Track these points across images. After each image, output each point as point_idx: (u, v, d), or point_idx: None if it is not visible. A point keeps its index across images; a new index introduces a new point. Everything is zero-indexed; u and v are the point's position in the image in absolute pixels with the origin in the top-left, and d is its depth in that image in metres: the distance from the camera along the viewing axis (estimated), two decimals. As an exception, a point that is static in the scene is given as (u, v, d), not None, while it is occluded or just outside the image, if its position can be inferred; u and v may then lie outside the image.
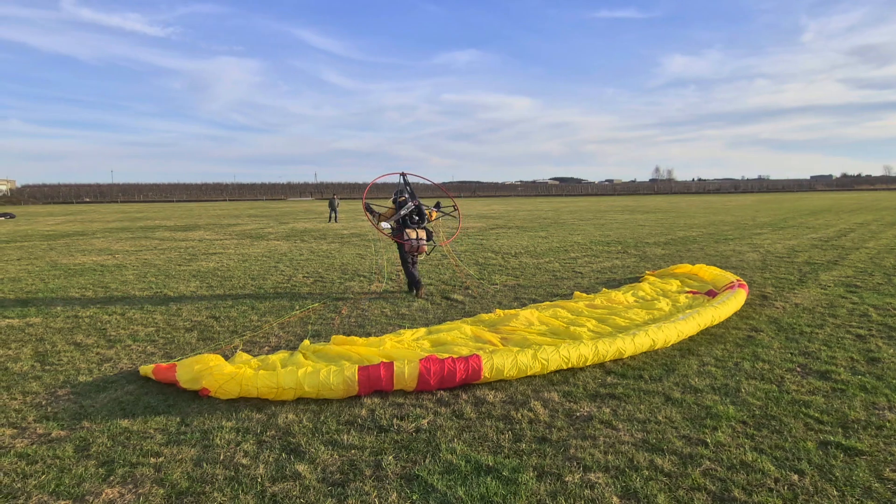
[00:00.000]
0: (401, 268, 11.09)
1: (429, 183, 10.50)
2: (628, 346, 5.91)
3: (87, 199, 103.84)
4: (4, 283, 11.26)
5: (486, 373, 5.14)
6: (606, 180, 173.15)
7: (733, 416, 4.52)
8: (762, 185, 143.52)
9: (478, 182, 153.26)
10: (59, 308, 8.85)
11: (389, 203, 10.14)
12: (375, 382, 4.95)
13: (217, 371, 4.99)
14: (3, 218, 42.15)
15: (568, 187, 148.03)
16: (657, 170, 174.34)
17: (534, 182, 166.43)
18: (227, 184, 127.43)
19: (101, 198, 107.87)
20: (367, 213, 10.09)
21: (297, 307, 8.77)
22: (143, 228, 28.19)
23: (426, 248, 9.84)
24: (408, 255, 9.74)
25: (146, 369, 5.57)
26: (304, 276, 11.87)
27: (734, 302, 7.84)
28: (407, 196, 9.98)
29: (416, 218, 9.79)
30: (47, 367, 5.93)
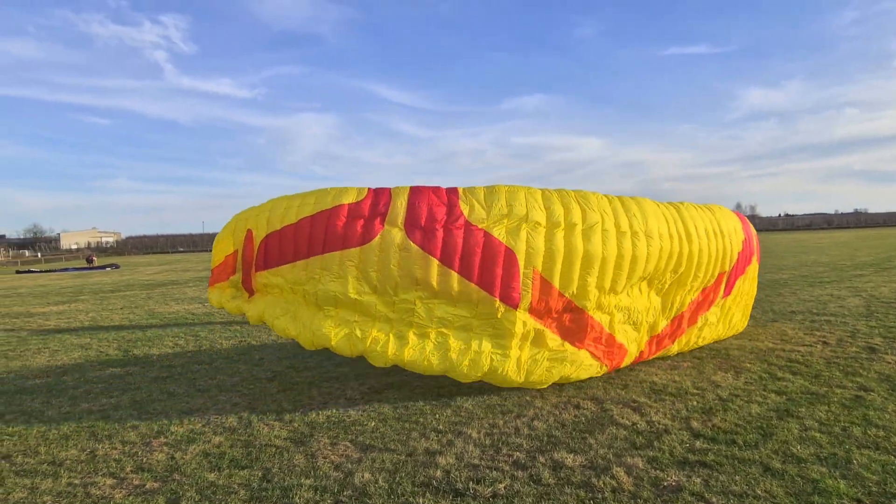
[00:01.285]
0: None
1: None
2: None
3: (182, 249, 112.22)
4: (109, 332, 12.25)
5: None
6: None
7: (845, 492, 4.06)
8: (859, 220, 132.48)
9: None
10: (155, 357, 9.49)
11: None
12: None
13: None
14: (109, 268, 46.30)
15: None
16: (739, 206, 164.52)
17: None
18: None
19: (193, 247, 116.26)
20: None
21: (372, 357, 8.91)
22: (229, 276, 29.96)
23: None
24: None
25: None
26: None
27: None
28: None
29: None
30: (144, 417, 6.32)
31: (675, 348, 7.86)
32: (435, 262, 5.93)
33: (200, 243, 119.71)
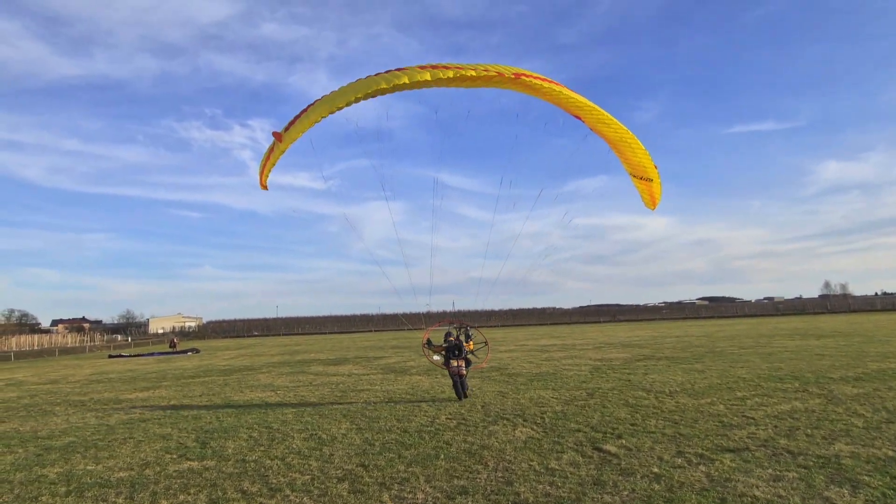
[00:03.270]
0: (552, 409, 12.50)
1: (469, 322, 17.01)
2: None
3: (256, 333, 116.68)
4: (188, 422, 12.63)
5: None
6: (765, 298, 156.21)
7: None
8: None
9: (617, 305, 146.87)
10: (230, 450, 9.62)
11: (441, 339, 15.35)
12: None
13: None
14: (190, 353, 48.62)
15: (720, 308, 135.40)
16: (827, 284, 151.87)
17: (679, 303, 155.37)
18: (372, 315, 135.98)
19: (267, 331, 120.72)
20: (425, 348, 15.24)
21: (442, 455, 8.62)
22: (300, 362, 30.64)
23: (464, 371, 14.32)
24: (453, 376, 14.10)
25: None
26: (446, 418, 11.79)
27: None
28: (453, 339, 14.85)
29: (457, 352, 14.24)
30: (218, 518, 6.31)
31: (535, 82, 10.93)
32: None
33: (274, 327, 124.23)
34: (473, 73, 10.37)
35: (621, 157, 12.92)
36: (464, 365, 14.15)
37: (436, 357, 14.97)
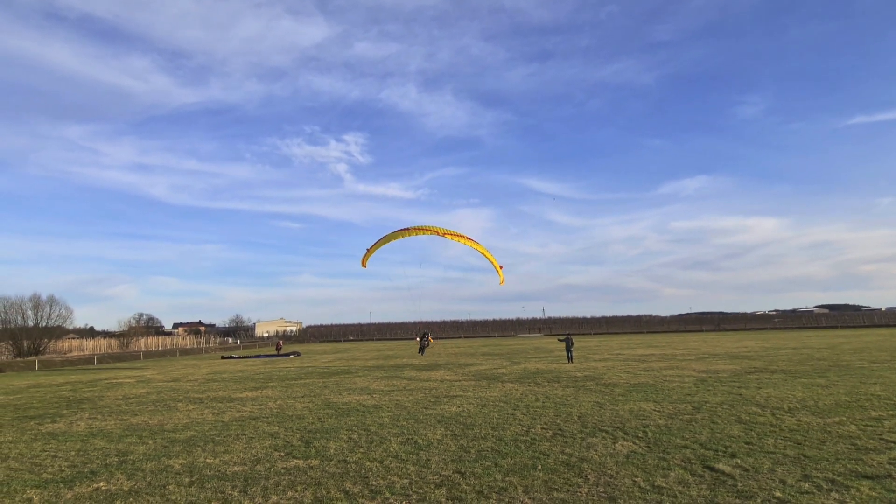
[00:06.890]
0: (654, 422, 11.30)
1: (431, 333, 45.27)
2: None
3: (352, 337, 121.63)
4: (293, 421, 13.32)
5: None
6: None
7: None
8: None
9: (721, 313, 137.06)
10: (332, 451, 10.00)
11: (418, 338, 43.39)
12: None
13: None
14: (292, 356, 51.51)
15: (843, 317, 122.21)
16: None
17: (794, 311, 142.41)
18: (462, 321, 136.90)
19: (362, 336, 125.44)
20: (417, 340, 49.77)
21: (539, 466, 8.41)
22: (393, 367, 31.42)
23: (424, 349, 44.38)
24: (421, 350, 44.42)
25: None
26: (542, 428, 11.52)
27: None
28: (423, 335, 45.01)
29: (423, 340, 44.58)
30: (324, 516, 6.54)
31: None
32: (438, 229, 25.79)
33: (368, 332, 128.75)
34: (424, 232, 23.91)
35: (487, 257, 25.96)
36: (425, 347, 42.64)
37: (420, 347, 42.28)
